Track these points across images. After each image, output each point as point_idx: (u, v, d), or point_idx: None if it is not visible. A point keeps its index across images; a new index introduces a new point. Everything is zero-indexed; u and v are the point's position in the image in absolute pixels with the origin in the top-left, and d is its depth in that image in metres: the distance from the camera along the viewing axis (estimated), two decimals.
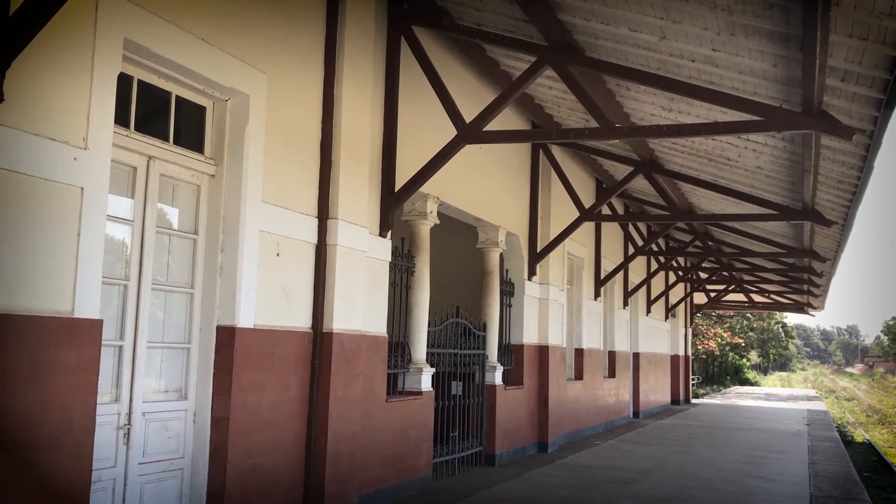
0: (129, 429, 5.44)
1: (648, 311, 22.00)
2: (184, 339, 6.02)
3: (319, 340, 6.95)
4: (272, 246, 6.47)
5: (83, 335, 4.64)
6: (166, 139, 5.82)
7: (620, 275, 18.46)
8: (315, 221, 7.00)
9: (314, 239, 6.99)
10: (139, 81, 5.56)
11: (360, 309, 7.45)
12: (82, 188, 4.66)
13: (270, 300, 6.44)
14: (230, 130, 6.22)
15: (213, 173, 6.18)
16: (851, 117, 7.32)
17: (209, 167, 6.16)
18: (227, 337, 6.02)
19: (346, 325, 7.19)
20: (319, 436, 6.86)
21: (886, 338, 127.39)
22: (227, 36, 5.98)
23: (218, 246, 6.12)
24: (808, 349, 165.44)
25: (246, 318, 6.11)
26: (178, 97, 5.92)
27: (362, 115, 7.53)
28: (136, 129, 5.53)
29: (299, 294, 6.82)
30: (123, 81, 5.27)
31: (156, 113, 5.81)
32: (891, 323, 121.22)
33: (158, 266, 5.81)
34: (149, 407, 5.63)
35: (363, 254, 7.52)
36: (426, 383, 9.01)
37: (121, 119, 5.30)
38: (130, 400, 5.48)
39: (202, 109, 6.19)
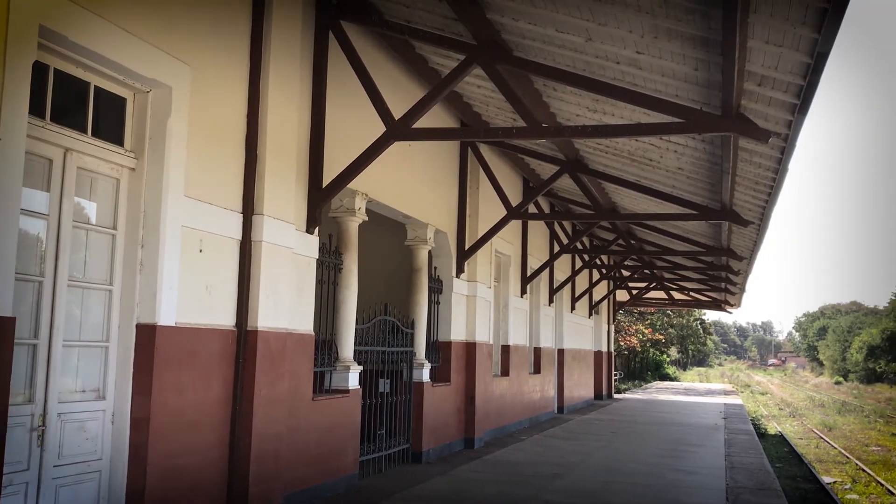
0: (43, 430, 5.25)
1: (573, 308, 22.36)
2: (102, 337, 5.83)
3: (244, 339, 6.83)
4: (195, 242, 6.32)
5: None
6: (84, 131, 5.63)
7: (546, 272, 18.70)
8: (240, 217, 6.88)
9: (239, 235, 6.87)
10: (56, 70, 5.36)
11: (286, 306, 7.35)
12: None
13: (193, 297, 6.29)
14: (151, 123, 6.04)
15: (134, 167, 6.00)
16: (768, 121, 7.58)
17: (129, 160, 5.97)
18: (147, 335, 5.86)
19: (272, 323, 7.09)
20: (243, 436, 6.75)
21: (798, 334, 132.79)
22: (149, 26, 5.81)
23: (138, 242, 5.94)
24: (726, 345, 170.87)
25: (167, 316, 5.96)
26: (96, 88, 5.73)
27: (289, 110, 7.43)
28: (52, 119, 5.32)
29: (223, 291, 6.69)
30: (39, 70, 5.07)
31: (73, 104, 5.61)
32: (802, 320, 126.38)
33: (75, 262, 5.61)
34: (65, 407, 5.43)
35: (289, 250, 7.42)
36: (353, 381, 8.95)
37: (36, 109, 5.09)
38: (45, 400, 5.28)
39: (122, 101, 6.00)
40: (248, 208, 6.94)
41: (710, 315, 74.89)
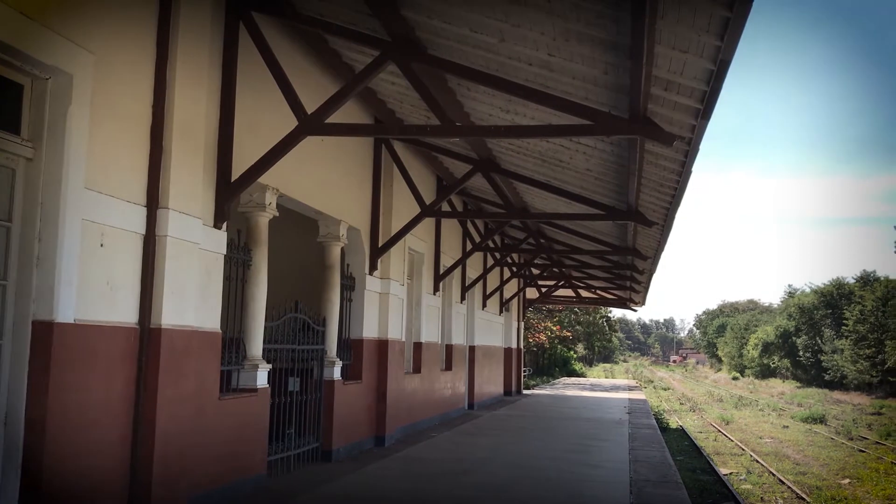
0: None
1: (484, 306, 22.58)
2: None
3: (147, 337, 6.62)
4: (96, 236, 6.09)
5: None
6: None
7: (459, 270, 18.83)
8: (144, 211, 6.66)
9: (142, 229, 6.65)
10: None
11: (191, 304, 7.16)
12: None
13: (93, 294, 6.05)
14: (51, 111, 5.78)
15: (31, 157, 5.73)
16: (672, 125, 7.82)
17: (26, 150, 5.70)
18: (43, 333, 5.60)
19: (177, 321, 6.90)
20: (146, 436, 6.54)
21: (698, 331, 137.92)
22: (50, 10, 5.56)
23: (35, 235, 5.68)
24: (630, 342, 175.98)
25: (65, 313, 5.71)
26: None
27: (197, 102, 7.23)
28: None
29: (125, 287, 6.46)
30: None
31: None
32: (702, 317, 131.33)
33: None
34: None
35: (196, 246, 7.23)
36: (262, 380, 8.80)
37: None
38: None
39: (19, 87, 5.71)
40: (153, 202, 6.72)
41: (616, 312, 77.08)
